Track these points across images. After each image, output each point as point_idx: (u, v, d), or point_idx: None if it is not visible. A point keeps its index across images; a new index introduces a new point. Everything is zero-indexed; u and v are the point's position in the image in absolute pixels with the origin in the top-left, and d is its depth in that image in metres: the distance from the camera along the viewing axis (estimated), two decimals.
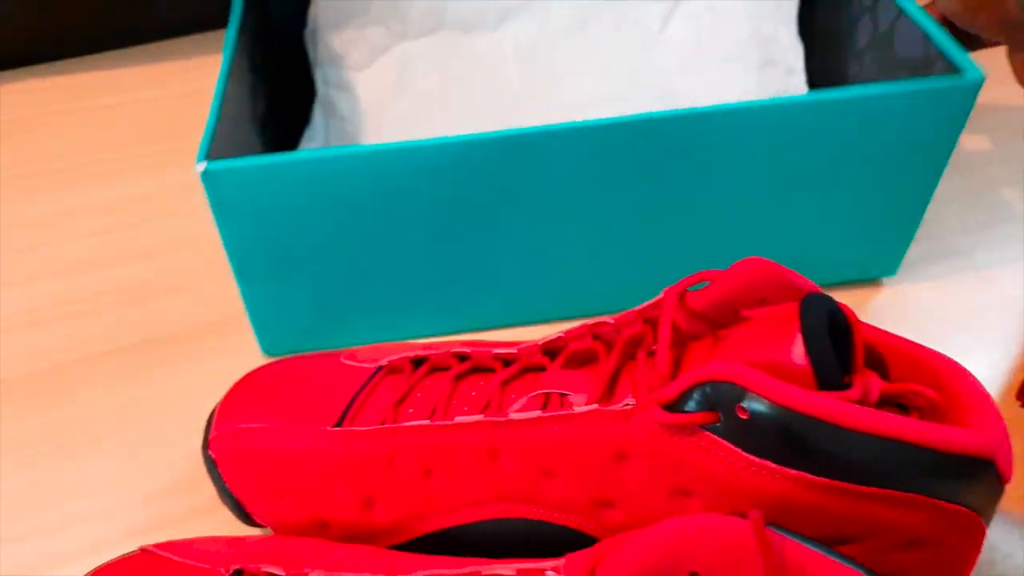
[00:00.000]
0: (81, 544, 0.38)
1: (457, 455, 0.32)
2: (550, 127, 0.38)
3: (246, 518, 0.36)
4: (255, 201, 0.38)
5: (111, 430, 0.43)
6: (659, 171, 0.40)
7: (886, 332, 0.28)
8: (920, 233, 0.50)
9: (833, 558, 0.20)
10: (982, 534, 0.26)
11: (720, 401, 0.26)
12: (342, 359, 0.38)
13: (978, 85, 0.38)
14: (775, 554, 0.20)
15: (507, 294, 0.44)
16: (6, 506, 0.40)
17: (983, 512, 0.25)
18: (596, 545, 0.24)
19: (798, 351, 0.25)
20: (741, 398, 0.25)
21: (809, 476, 0.24)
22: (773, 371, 0.26)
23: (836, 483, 0.24)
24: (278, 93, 0.59)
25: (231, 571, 0.30)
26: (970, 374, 0.27)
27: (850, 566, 0.20)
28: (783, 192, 0.42)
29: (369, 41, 0.57)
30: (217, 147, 0.40)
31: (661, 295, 0.30)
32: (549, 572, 0.24)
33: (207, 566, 0.31)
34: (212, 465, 0.36)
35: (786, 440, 0.24)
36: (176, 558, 0.32)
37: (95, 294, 0.50)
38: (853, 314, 0.28)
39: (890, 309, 0.45)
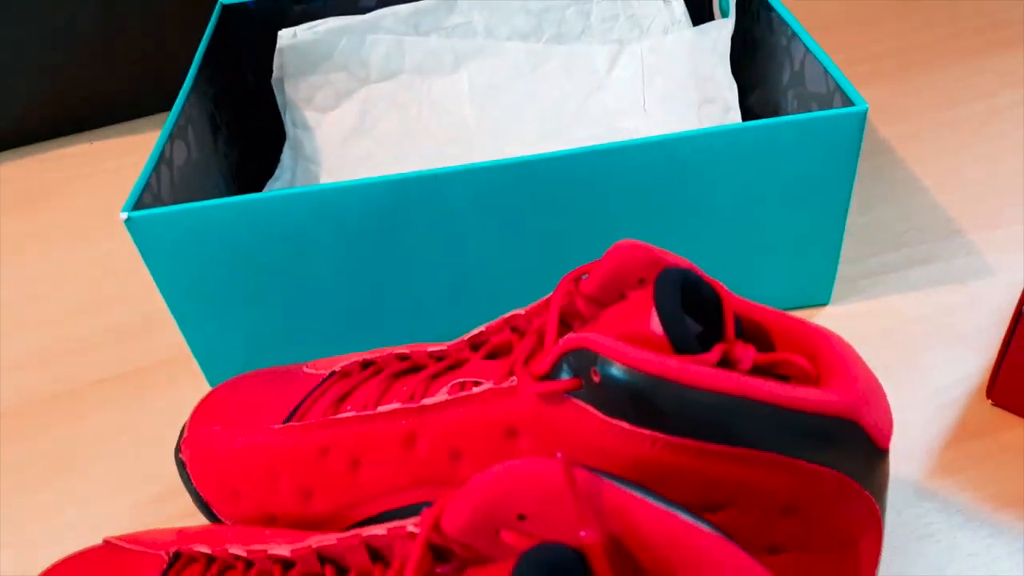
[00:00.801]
0: (72, 550, 0.40)
1: (379, 444, 0.33)
2: (448, 169, 0.40)
3: (213, 517, 0.37)
4: (176, 246, 0.41)
5: (99, 451, 0.45)
6: (570, 204, 0.41)
7: (764, 307, 0.29)
8: (854, 253, 0.51)
9: (653, 500, 0.21)
10: (866, 503, 0.26)
11: (580, 367, 0.27)
12: (305, 368, 0.40)
13: (863, 114, 0.40)
14: (590, 494, 0.21)
15: (427, 318, 0.46)
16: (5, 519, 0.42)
17: (862, 480, 0.26)
18: (444, 496, 0.25)
19: (655, 321, 0.27)
20: (594, 362, 0.26)
21: (663, 436, 0.25)
22: (634, 341, 0.27)
23: (691, 442, 0.25)
24: (257, 140, 0.62)
25: (171, 553, 0.32)
26: (840, 340, 0.27)
27: (671, 509, 0.21)
28: (704, 223, 0.43)
29: (334, 85, 0.60)
30: (165, 195, 0.43)
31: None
32: (410, 527, 0.25)
33: (153, 551, 0.33)
34: (182, 468, 0.38)
35: (636, 400, 0.25)
36: (129, 546, 0.33)
37: (85, 335, 0.53)
38: (723, 288, 0.29)
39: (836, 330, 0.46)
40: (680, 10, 0.57)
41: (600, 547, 0.20)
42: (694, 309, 0.28)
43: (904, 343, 0.44)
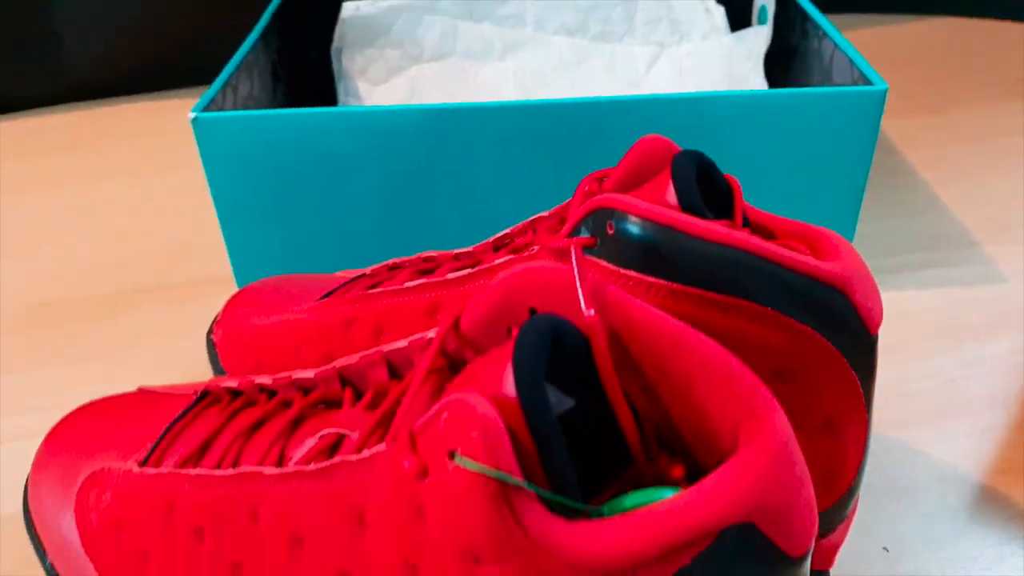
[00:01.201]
0: None
1: (403, 314, 0.34)
2: (486, 104, 0.43)
3: None
4: (234, 149, 0.44)
5: (135, 345, 0.48)
6: (594, 150, 0.44)
7: (773, 215, 0.32)
8: (870, 252, 0.53)
9: (655, 310, 0.23)
10: (851, 384, 0.28)
11: (597, 227, 0.29)
12: (335, 274, 0.42)
13: (883, 93, 0.43)
14: (596, 291, 0.23)
15: (455, 242, 0.48)
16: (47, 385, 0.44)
17: (850, 358, 0.27)
18: (464, 301, 0.27)
19: (670, 191, 0.29)
20: (610, 217, 0.28)
21: (668, 284, 0.27)
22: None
23: (693, 290, 0.27)
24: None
25: (199, 392, 0.34)
26: (840, 238, 0.29)
27: (664, 313, 0.23)
28: None
29: (387, 61, 0.63)
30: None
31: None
32: (429, 334, 0.27)
33: (183, 393, 0.35)
34: (212, 348, 0.40)
35: (646, 251, 0.27)
36: (162, 390, 0.36)
37: (133, 254, 0.56)
38: (736, 183, 0.31)
39: None
40: (720, 18, 0.61)
41: (601, 327, 0.22)
42: (707, 196, 0.31)
43: (911, 329, 0.46)
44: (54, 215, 0.60)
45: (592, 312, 0.22)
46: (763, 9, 0.58)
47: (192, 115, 0.43)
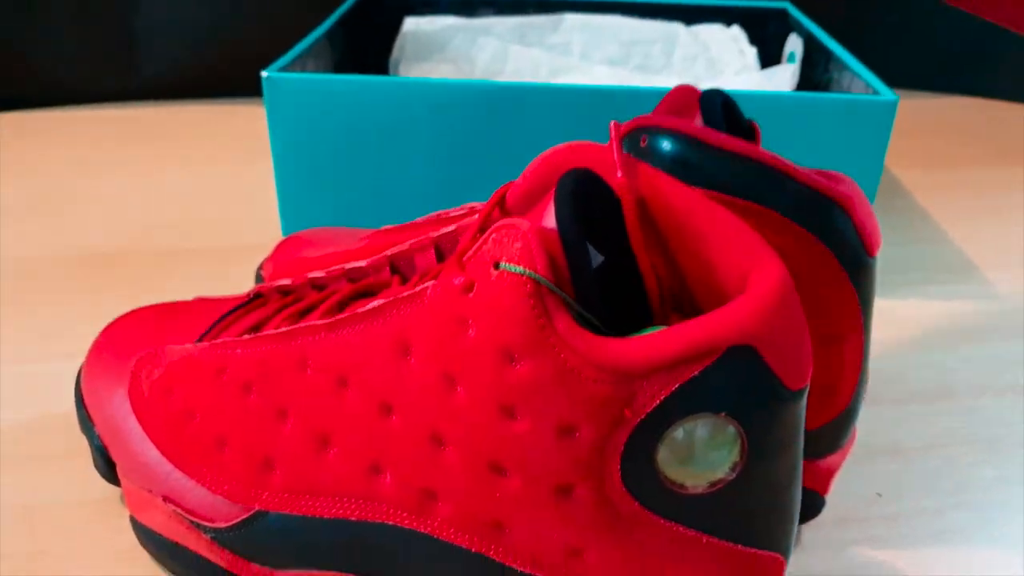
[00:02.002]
0: None
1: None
2: (538, 85, 0.47)
3: None
4: (298, 109, 0.48)
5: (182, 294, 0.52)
6: None
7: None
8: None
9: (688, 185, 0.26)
10: (850, 297, 0.31)
11: (632, 142, 0.32)
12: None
13: (893, 104, 0.47)
14: (629, 164, 0.27)
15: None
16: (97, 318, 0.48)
17: (849, 271, 0.30)
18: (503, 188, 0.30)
19: (698, 119, 0.33)
20: (644, 132, 0.32)
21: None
22: None
23: (714, 193, 0.30)
24: None
25: (252, 294, 0.37)
26: (854, 185, 0.33)
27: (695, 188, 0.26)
28: None
29: (441, 75, 0.68)
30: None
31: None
32: (464, 221, 0.30)
33: (236, 297, 0.38)
34: (259, 280, 0.43)
35: (673, 158, 0.31)
36: (218, 297, 0.39)
37: (187, 221, 0.60)
38: (758, 129, 0.35)
39: None
40: (752, 57, 0.65)
41: (630, 188, 0.26)
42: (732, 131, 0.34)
43: (912, 330, 0.49)
44: (118, 189, 0.65)
45: (622, 176, 0.25)
46: (791, 54, 0.63)
47: (264, 74, 0.47)
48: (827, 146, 0.48)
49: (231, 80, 0.81)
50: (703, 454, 0.23)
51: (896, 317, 0.50)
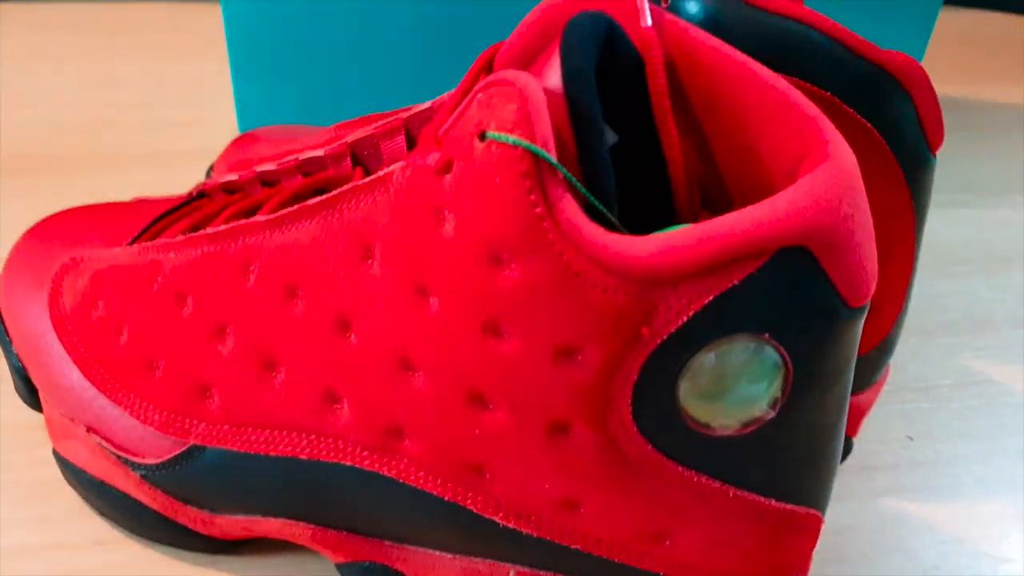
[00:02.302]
0: None
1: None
2: None
3: None
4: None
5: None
6: None
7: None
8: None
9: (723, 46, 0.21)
10: (904, 196, 0.25)
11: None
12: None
13: None
14: (657, 15, 0.21)
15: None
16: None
17: (904, 166, 0.25)
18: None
19: None
20: None
21: None
22: None
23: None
24: None
25: (195, 193, 0.31)
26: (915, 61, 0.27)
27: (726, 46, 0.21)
28: None
29: None
30: None
31: None
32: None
33: (178, 197, 0.32)
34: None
35: (703, 21, 0.25)
36: (158, 198, 0.33)
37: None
38: None
39: None
40: None
41: (658, 43, 0.20)
42: None
43: (942, 256, 0.44)
44: (61, 86, 0.58)
45: (649, 24, 0.19)
46: None
47: None
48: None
49: None
50: (737, 386, 0.19)
51: (923, 241, 0.45)
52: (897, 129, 0.24)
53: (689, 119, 0.21)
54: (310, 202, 0.22)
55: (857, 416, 0.30)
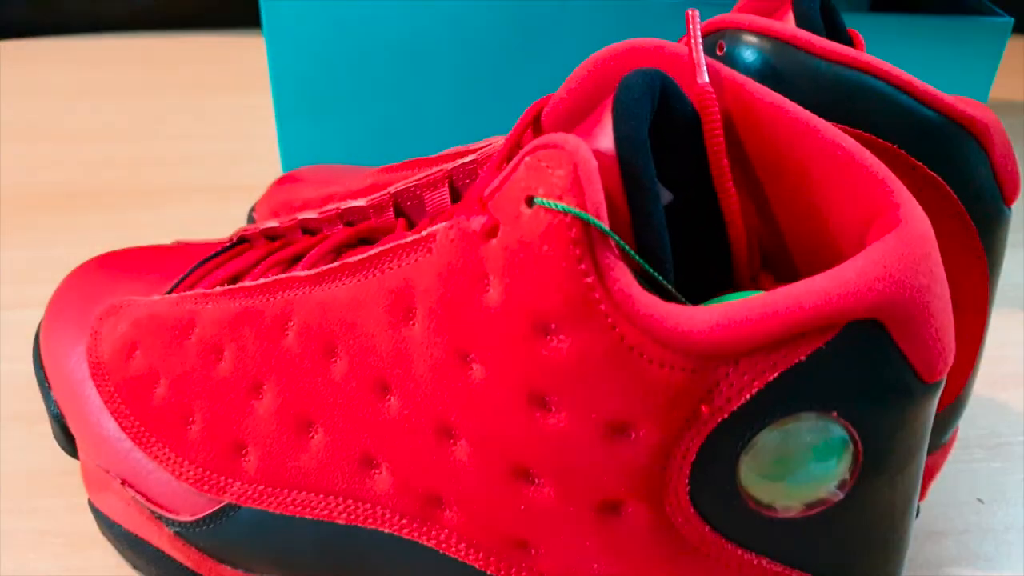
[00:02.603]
0: None
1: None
2: None
3: None
4: (301, 29, 0.42)
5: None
6: None
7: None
8: None
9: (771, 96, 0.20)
10: (977, 252, 0.24)
11: (705, 50, 0.25)
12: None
13: (1008, 25, 0.40)
14: (712, 69, 0.20)
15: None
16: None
17: (976, 221, 0.24)
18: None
19: (789, 19, 0.26)
20: (721, 37, 0.25)
21: None
22: None
23: None
24: None
25: (235, 238, 0.31)
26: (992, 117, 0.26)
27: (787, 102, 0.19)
28: None
29: None
30: None
31: None
32: (501, 141, 0.24)
33: (218, 241, 0.32)
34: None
35: (760, 70, 0.24)
36: (198, 242, 0.33)
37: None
38: (860, 40, 0.28)
39: None
40: None
41: (715, 100, 0.19)
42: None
43: (1011, 298, 0.42)
44: (106, 122, 0.59)
45: (707, 80, 0.18)
46: None
47: None
48: (933, 70, 0.41)
49: (231, 8, 0.74)
50: (802, 466, 0.17)
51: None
52: (969, 182, 0.23)
53: (749, 178, 0.19)
54: (351, 259, 0.21)
55: (926, 479, 0.28)
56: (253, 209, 0.38)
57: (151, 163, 0.52)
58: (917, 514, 0.29)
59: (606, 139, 0.17)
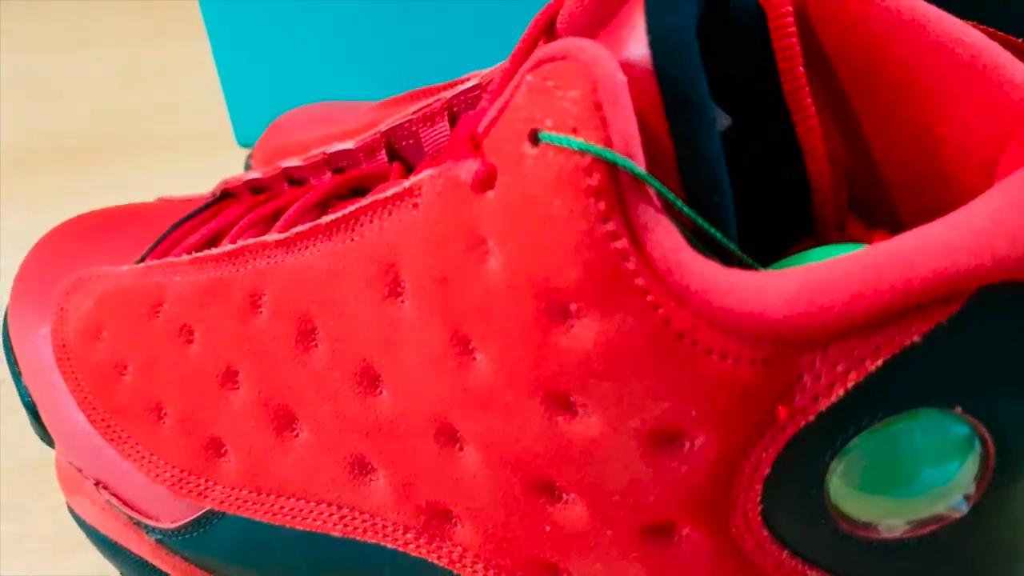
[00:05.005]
0: None
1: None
2: None
3: None
4: None
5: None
6: None
7: None
8: None
9: None
10: None
11: None
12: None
13: None
14: None
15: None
16: None
17: None
18: None
19: None
20: None
21: None
22: None
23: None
24: None
25: (217, 193, 0.27)
26: None
27: None
28: None
29: None
30: None
31: None
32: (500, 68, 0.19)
33: (202, 197, 0.28)
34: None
35: None
36: (182, 198, 0.29)
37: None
38: None
39: None
40: None
41: None
42: None
43: None
44: (52, 72, 0.55)
45: None
46: None
47: None
48: None
49: None
50: (915, 476, 0.13)
51: None
52: None
53: (833, 92, 0.14)
54: (323, 220, 0.17)
55: None
56: (250, 156, 0.34)
57: (130, 113, 0.49)
58: None
59: (638, 43, 0.12)
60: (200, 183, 0.40)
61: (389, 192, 0.16)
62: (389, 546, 0.18)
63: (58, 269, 0.27)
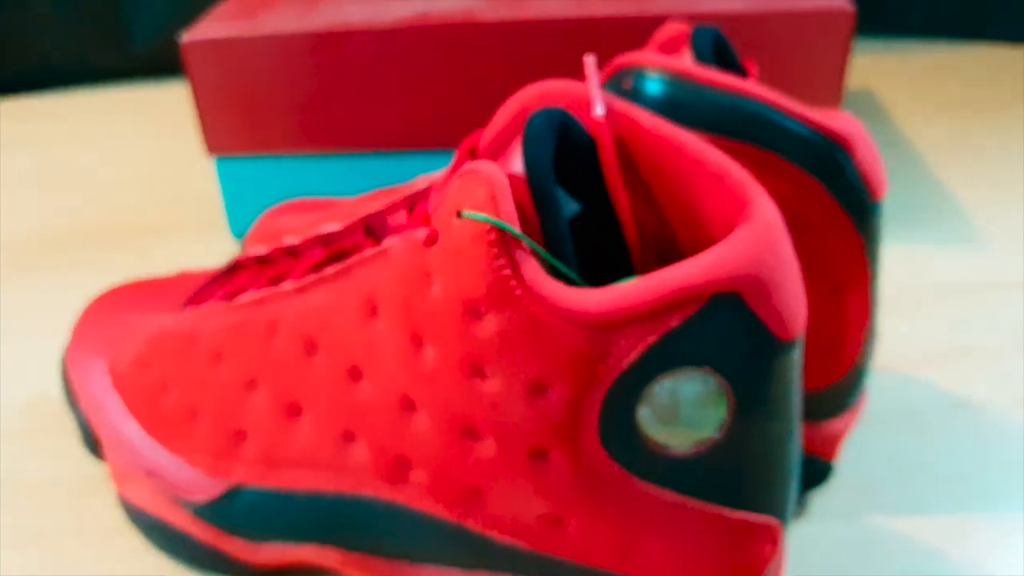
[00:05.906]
0: None
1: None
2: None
3: None
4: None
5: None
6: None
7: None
8: None
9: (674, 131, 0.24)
10: (856, 246, 0.29)
11: (615, 87, 0.30)
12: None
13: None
14: (608, 100, 0.25)
15: None
16: None
17: (853, 218, 0.28)
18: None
19: (687, 56, 0.31)
20: (628, 75, 0.30)
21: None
22: None
23: (705, 134, 0.28)
24: None
25: (231, 265, 0.36)
26: (851, 117, 0.31)
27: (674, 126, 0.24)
28: None
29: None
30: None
31: None
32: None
33: (217, 270, 0.37)
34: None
35: (661, 100, 0.29)
36: (200, 271, 0.38)
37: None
38: (753, 68, 0.33)
39: None
40: None
41: (607, 127, 0.24)
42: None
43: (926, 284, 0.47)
44: (109, 166, 0.64)
45: (601, 113, 0.23)
46: None
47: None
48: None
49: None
50: (687, 412, 0.22)
51: (909, 269, 0.48)
52: (839, 182, 0.28)
53: (642, 186, 0.24)
54: (328, 272, 0.26)
55: (833, 440, 0.32)
56: (244, 240, 0.43)
57: (151, 204, 0.57)
58: (828, 471, 0.34)
59: (518, 163, 0.22)
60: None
61: (370, 252, 0.25)
62: (367, 494, 0.27)
63: (107, 321, 0.36)
